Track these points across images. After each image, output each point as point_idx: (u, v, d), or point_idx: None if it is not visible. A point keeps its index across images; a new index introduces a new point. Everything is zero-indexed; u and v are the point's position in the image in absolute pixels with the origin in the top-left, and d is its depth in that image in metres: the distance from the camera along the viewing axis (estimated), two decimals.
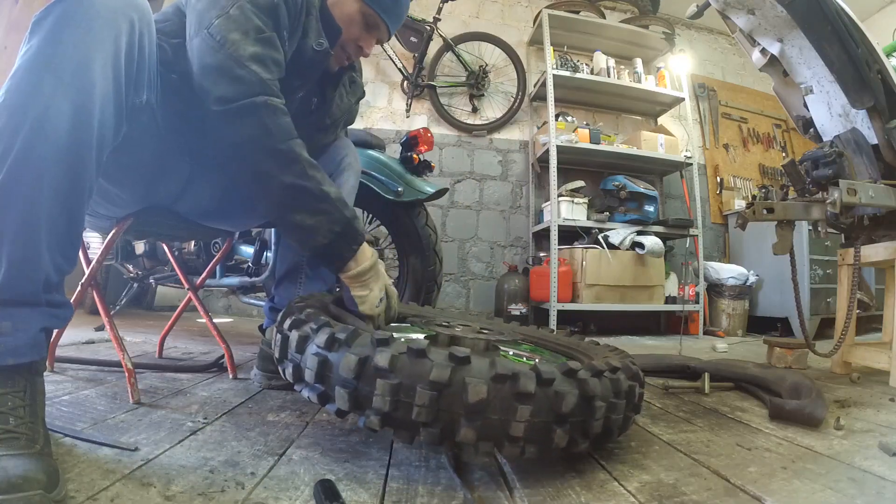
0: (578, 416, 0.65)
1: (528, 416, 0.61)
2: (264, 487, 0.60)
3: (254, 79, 0.83)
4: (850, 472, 0.72)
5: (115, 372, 1.20)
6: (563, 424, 0.64)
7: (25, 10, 2.33)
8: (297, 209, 0.86)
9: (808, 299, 2.91)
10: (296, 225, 0.87)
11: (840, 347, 1.55)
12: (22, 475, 0.48)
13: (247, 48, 0.83)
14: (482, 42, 3.58)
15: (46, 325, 0.64)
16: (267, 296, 1.72)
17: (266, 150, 0.83)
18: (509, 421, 0.61)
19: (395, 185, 1.78)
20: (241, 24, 0.84)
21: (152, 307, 3.12)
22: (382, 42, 1.11)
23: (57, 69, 0.62)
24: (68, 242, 0.66)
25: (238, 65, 0.82)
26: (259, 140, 0.83)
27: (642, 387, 0.81)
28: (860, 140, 1.47)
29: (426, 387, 0.60)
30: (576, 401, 0.64)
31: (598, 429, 0.67)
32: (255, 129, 0.83)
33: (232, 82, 0.82)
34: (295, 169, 0.85)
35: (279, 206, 0.87)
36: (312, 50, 0.99)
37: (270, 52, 0.87)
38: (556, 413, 0.63)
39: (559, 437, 0.63)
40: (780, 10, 1.43)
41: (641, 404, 0.81)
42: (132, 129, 0.76)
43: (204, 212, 1.12)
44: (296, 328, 0.75)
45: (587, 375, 0.67)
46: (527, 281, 3.17)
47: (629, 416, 0.74)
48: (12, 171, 0.59)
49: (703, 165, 3.88)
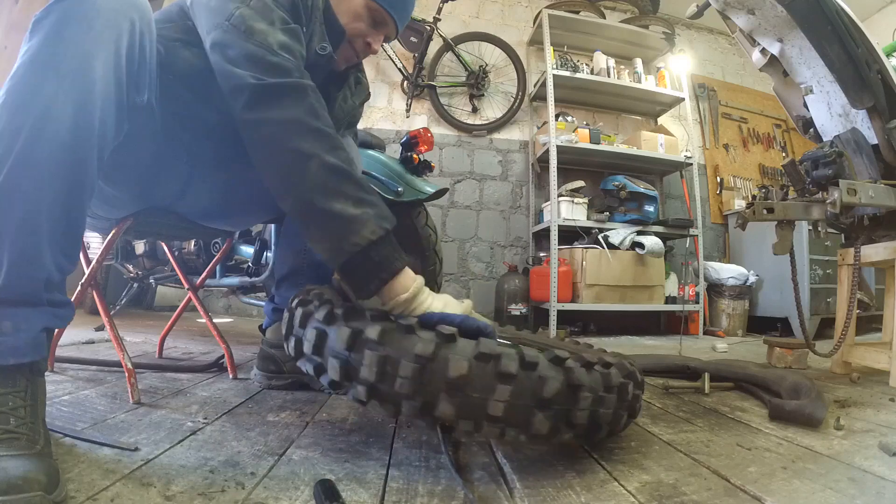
0: (562, 403, 0.65)
1: (508, 397, 0.62)
2: (264, 487, 0.60)
3: (290, 65, 0.79)
4: (850, 472, 0.72)
5: (115, 372, 1.20)
6: (544, 410, 0.64)
7: (25, 10, 2.33)
8: (339, 194, 0.73)
9: (808, 299, 2.91)
10: (335, 215, 0.72)
11: (840, 347, 1.55)
12: (22, 476, 0.48)
13: (276, 36, 0.80)
14: (482, 42, 3.58)
15: (48, 324, 0.64)
16: (267, 296, 1.72)
17: (312, 129, 0.76)
18: (488, 400, 0.62)
19: (395, 185, 1.78)
20: (266, 14, 0.82)
21: (152, 307, 3.13)
22: (390, 39, 1.09)
23: (58, 69, 0.62)
24: (70, 242, 0.66)
25: (271, 52, 0.79)
26: (305, 119, 0.76)
27: (639, 388, 0.80)
28: (860, 140, 1.47)
29: (410, 360, 0.62)
30: (559, 387, 0.64)
31: (582, 419, 0.67)
32: (301, 107, 0.77)
33: (269, 68, 0.78)
34: (339, 153, 0.76)
35: (319, 189, 0.73)
36: (315, 54, 0.98)
37: (297, 44, 0.84)
38: (538, 397, 0.64)
39: (540, 422, 0.64)
40: (780, 10, 1.43)
41: (638, 406, 0.80)
42: (132, 129, 0.76)
43: (204, 212, 1.12)
44: (301, 306, 0.77)
45: (575, 364, 0.67)
46: (527, 281, 3.17)
47: (621, 413, 0.73)
48: (14, 170, 0.59)
49: (703, 165, 3.88)
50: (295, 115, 0.76)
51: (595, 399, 0.68)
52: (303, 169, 0.74)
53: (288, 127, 0.75)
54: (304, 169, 0.74)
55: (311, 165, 0.73)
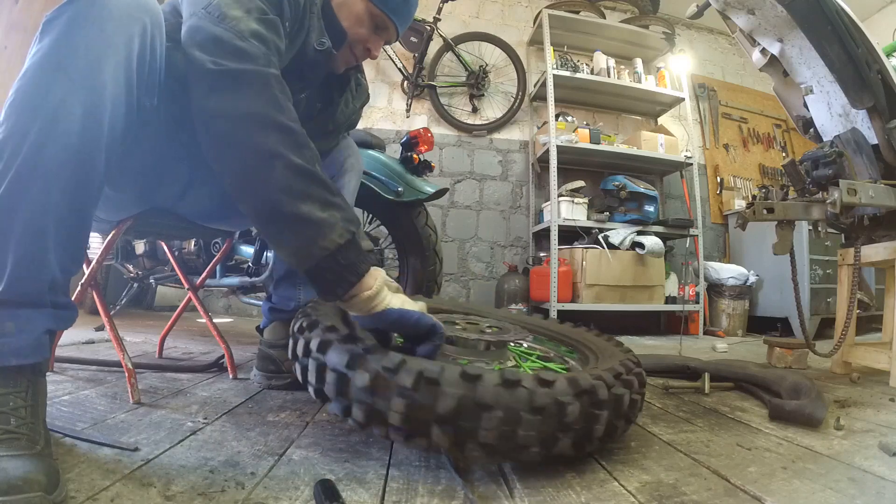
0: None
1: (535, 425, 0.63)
2: (264, 487, 0.60)
3: (258, 52, 0.74)
4: (850, 472, 0.72)
5: (115, 372, 1.20)
6: (566, 433, 0.65)
7: (25, 10, 2.33)
8: (306, 197, 0.69)
9: (808, 299, 2.91)
10: (301, 218, 0.68)
11: (840, 347, 1.55)
12: (22, 476, 0.48)
13: (249, 24, 0.75)
14: (482, 42, 3.58)
15: (51, 326, 0.64)
16: (266, 296, 1.72)
17: (275, 124, 0.70)
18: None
19: (395, 185, 1.78)
20: (244, 2, 0.78)
21: (152, 307, 3.12)
22: (390, 43, 1.08)
23: (68, 70, 0.62)
24: (75, 244, 0.65)
25: (240, 38, 0.73)
26: (267, 113, 0.70)
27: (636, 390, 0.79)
28: (860, 140, 1.47)
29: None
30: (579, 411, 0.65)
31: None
32: (262, 99, 0.70)
33: (233, 52, 0.72)
34: (305, 152, 0.71)
35: (284, 191, 0.68)
36: (314, 49, 0.96)
37: (273, 36, 0.79)
38: (561, 422, 0.65)
39: (565, 446, 0.65)
40: (780, 10, 1.43)
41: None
42: (138, 131, 0.76)
43: (204, 213, 1.12)
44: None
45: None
46: (527, 281, 3.17)
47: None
48: (22, 171, 0.59)
49: (703, 165, 3.88)
50: (256, 108, 0.70)
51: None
52: (267, 169, 0.69)
53: (249, 121, 0.69)
54: (269, 169, 0.68)
55: (277, 165, 0.68)
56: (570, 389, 0.66)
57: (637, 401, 0.78)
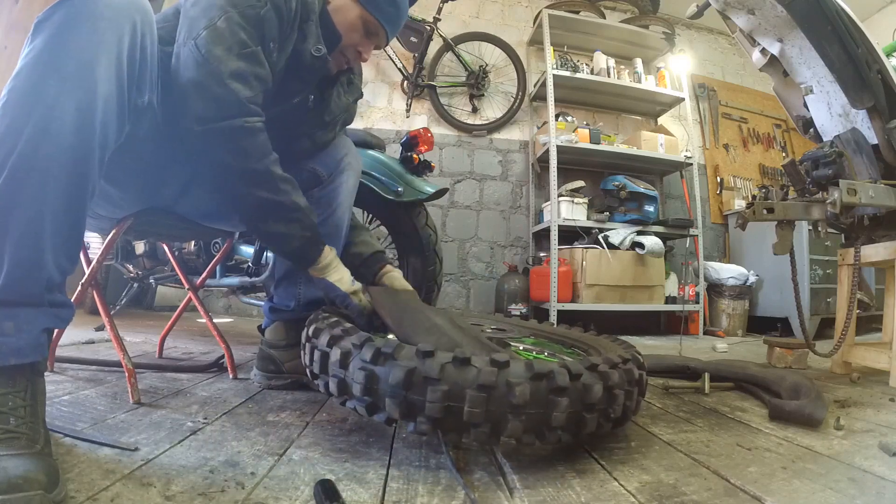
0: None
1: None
2: (264, 487, 0.60)
3: (232, 98, 0.85)
4: (850, 472, 0.72)
5: (115, 372, 1.20)
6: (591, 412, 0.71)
7: (25, 11, 2.33)
8: (273, 220, 0.94)
9: (808, 299, 2.91)
10: (271, 233, 0.95)
11: (840, 347, 1.55)
12: (22, 475, 0.48)
13: (229, 65, 0.85)
14: (482, 42, 3.58)
15: (49, 325, 0.64)
16: (267, 296, 1.72)
17: (242, 170, 0.89)
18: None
19: (395, 185, 1.78)
20: (226, 38, 0.85)
21: (152, 307, 3.12)
22: (381, 47, 1.13)
23: (61, 70, 0.62)
24: (71, 243, 0.66)
25: (218, 83, 0.84)
26: (236, 162, 0.88)
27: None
28: (860, 140, 1.47)
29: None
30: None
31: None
32: (231, 152, 0.87)
33: (211, 101, 0.84)
34: (269, 185, 0.91)
35: (256, 217, 0.94)
36: (311, 55, 1.00)
37: (253, 68, 0.89)
38: (585, 402, 0.70)
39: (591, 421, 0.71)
40: (780, 10, 1.43)
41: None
42: (133, 129, 0.77)
43: (204, 212, 1.12)
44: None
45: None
46: (527, 281, 3.17)
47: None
48: (16, 171, 0.59)
49: (703, 165, 3.88)
50: (227, 158, 0.88)
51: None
52: (239, 202, 0.93)
53: (222, 167, 0.89)
54: (241, 202, 0.93)
55: (247, 201, 0.92)
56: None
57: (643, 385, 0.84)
